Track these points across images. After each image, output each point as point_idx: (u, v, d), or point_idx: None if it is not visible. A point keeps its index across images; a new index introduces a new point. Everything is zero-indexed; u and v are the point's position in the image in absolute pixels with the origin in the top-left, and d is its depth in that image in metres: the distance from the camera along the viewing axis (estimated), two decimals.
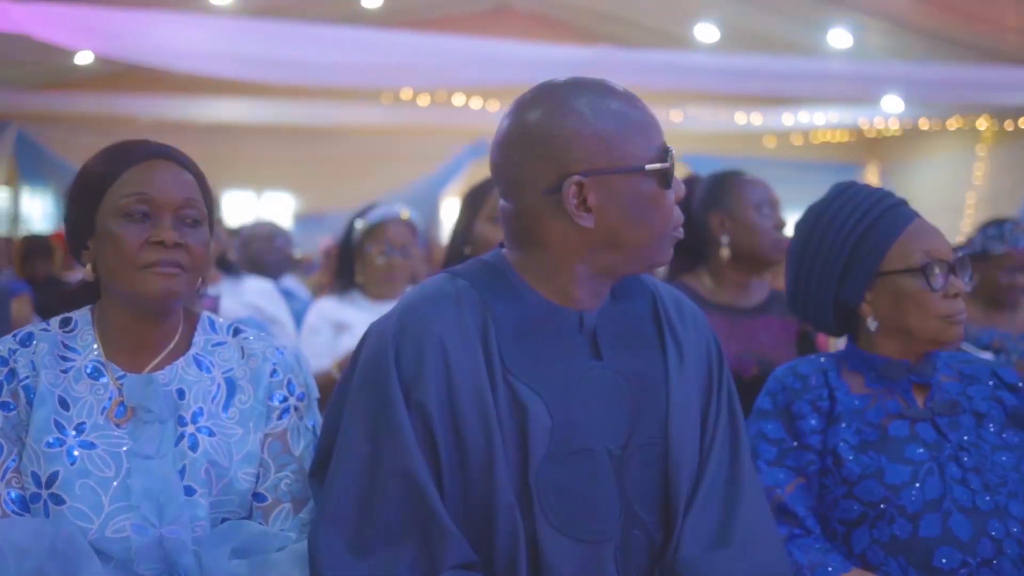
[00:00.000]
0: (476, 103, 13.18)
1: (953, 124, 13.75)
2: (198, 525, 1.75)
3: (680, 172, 3.20)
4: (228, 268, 3.83)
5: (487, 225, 2.92)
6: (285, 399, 1.89)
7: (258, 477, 1.84)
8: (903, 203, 2.17)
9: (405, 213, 3.73)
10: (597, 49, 8.78)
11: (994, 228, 4.07)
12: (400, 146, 13.80)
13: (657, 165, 1.67)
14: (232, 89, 11.67)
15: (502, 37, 10.55)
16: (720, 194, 3.05)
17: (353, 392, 1.69)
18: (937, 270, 2.05)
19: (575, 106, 1.66)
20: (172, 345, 1.87)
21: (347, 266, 3.69)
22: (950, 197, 13.65)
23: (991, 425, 2.06)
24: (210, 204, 1.88)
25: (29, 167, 13.43)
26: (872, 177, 15.44)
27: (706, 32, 12.77)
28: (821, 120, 13.14)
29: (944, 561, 1.90)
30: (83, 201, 1.82)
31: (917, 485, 1.96)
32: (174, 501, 1.74)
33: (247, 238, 5.49)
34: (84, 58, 12.22)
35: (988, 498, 1.95)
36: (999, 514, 1.94)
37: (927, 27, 11.45)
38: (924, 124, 13.78)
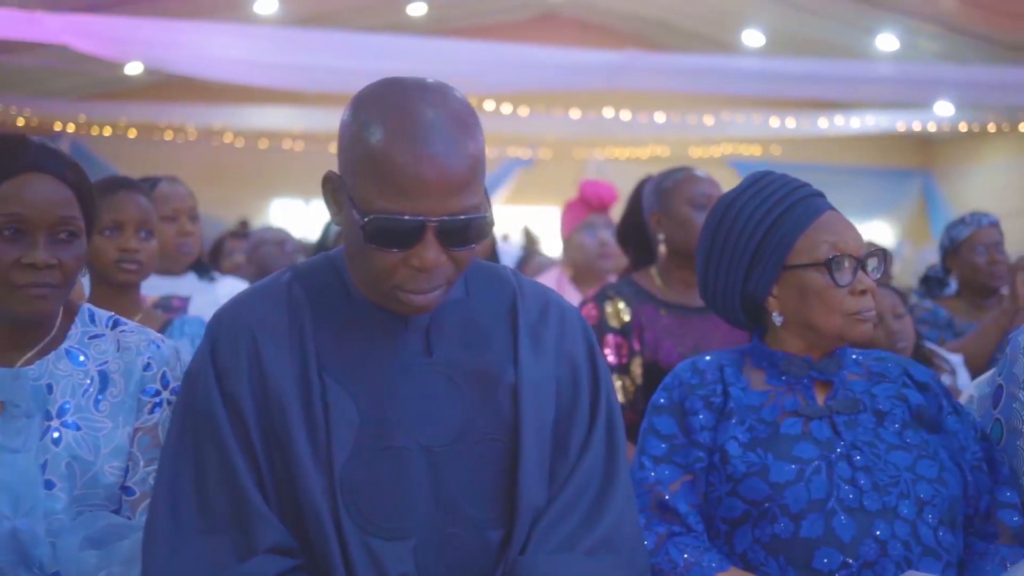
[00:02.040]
0: (523, 111, 13.11)
1: (1008, 127, 13.46)
2: (55, 518, 1.75)
3: (728, 178, 3.19)
4: (202, 271, 3.85)
5: None
6: (158, 392, 1.89)
7: (127, 471, 1.84)
8: (817, 195, 2.09)
9: None
10: (625, 53, 8.73)
11: (956, 220, 4.15)
12: None
13: (356, 216, 1.57)
14: (281, 98, 11.82)
15: (546, 44, 10.54)
16: (660, 192, 3.00)
17: (181, 383, 1.74)
18: (844, 265, 1.99)
19: (364, 110, 1.59)
20: (47, 340, 1.88)
21: None
22: (1010, 201, 13.36)
23: (892, 424, 1.99)
24: (91, 211, 1.87)
25: None
26: (926, 181, 15.16)
27: (753, 38, 12.66)
28: (864, 123, 12.92)
29: (824, 562, 1.84)
30: None
31: (802, 484, 1.89)
32: (31, 494, 1.75)
33: (257, 242, 5.52)
34: (134, 68, 12.44)
35: (877, 498, 1.88)
36: (886, 515, 1.87)
37: (976, 30, 11.24)
38: (976, 127, 13.51)
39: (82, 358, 1.88)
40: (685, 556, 1.89)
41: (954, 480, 1.95)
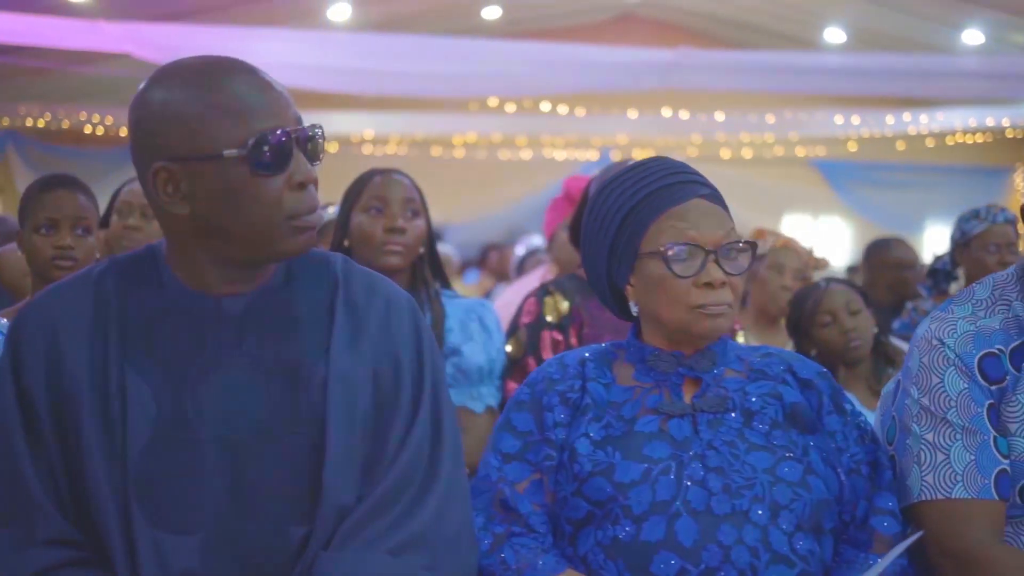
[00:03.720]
0: (580, 111, 12.92)
1: None
2: None
3: (811, 179, 3.08)
4: None
5: (363, 216, 2.85)
6: None
7: None
8: (694, 182, 1.93)
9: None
10: (677, 51, 8.56)
11: (969, 212, 3.91)
12: (522, 158, 13.81)
13: (234, 152, 1.55)
14: (353, 104, 11.89)
15: (622, 45, 10.41)
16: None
17: None
18: (686, 255, 1.85)
19: (166, 89, 1.59)
20: None
21: None
22: None
23: (761, 424, 1.86)
24: None
25: None
26: (1019, 180, 14.57)
27: (835, 35, 12.34)
28: (952, 121, 12.47)
29: (662, 567, 1.72)
30: None
31: (647, 485, 1.78)
32: None
33: None
34: None
35: (726, 501, 1.76)
36: (734, 519, 1.74)
37: None
38: None
39: None
40: (519, 558, 1.78)
41: (822, 484, 1.82)
